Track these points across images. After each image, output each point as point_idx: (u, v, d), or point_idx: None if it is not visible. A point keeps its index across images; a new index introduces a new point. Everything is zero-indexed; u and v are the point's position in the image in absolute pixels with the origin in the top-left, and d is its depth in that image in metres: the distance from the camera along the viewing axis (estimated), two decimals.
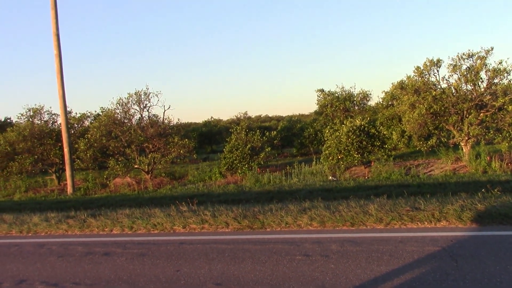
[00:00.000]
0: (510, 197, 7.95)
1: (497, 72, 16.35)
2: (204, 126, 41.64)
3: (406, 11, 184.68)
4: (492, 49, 16.48)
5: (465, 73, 16.75)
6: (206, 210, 8.96)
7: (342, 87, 27.81)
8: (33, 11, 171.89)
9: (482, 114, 16.74)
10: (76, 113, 24.24)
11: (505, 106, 16.08)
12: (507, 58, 17.64)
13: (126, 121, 21.46)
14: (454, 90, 17.21)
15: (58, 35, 18.93)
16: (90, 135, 20.31)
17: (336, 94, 27.57)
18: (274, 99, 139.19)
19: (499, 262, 5.10)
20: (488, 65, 16.54)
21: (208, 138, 39.00)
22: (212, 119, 45.33)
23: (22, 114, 22.85)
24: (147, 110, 21.52)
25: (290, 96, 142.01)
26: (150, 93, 21.04)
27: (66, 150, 19.12)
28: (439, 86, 17.69)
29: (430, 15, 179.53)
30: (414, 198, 8.60)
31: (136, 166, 20.22)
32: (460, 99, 16.76)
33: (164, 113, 21.89)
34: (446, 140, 17.46)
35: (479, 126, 16.42)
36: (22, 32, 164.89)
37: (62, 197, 18.14)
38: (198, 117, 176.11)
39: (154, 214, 9.15)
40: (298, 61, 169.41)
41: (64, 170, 20.95)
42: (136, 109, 21.38)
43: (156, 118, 21.97)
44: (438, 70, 17.55)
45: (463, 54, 16.80)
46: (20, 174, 21.21)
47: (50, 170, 22.74)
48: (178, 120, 23.76)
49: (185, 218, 8.55)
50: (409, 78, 18.50)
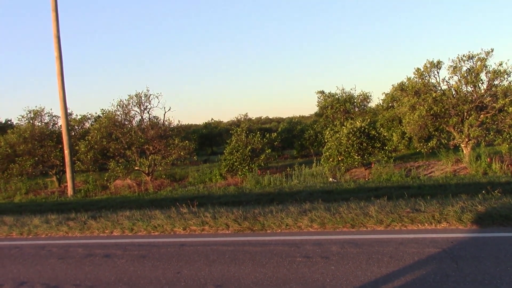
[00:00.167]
0: (511, 198, 7.95)
1: (497, 73, 16.35)
2: (204, 128, 41.62)
3: (406, 13, 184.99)
4: (492, 50, 16.52)
5: (465, 74, 16.75)
6: (207, 212, 8.96)
7: (343, 89, 27.94)
8: (33, 13, 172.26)
9: (482, 116, 16.75)
10: (76, 115, 24.40)
11: (505, 108, 16.09)
12: (507, 60, 17.77)
13: (126, 123, 21.49)
14: (454, 92, 17.20)
15: (58, 37, 18.97)
16: (90, 137, 20.33)
17: (336, 96, 27.63)
18: (274, 101, 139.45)
19: (500, 263, 5.10)
20: (488, 66, 16.56)
21: (208, 140, 38.98)
22: (212, 121, 45.33)
23: (22, 116, 22.97)
24: (148, 112, 21.58)
25: (291, 97, 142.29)
26: (150, 95, 21.13)
27: (66, 152, 19.13)
28: (439, 88, 17.70)
29: (430, 17, 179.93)
30: (415, 200, 8.60)
31: (136, 168, 20.23)
32: (460, 101, 16.76)
33: (164, 114, 21.94)
34: (446, 141, 17.46)
35: (480, 128, 16.43)
36: (22, 34, 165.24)
37: (63, 199, 18.15)
38: (199, 118, 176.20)
39: (155, 216, 9.15)
40: (299, 62, 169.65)
41: (64, 172, 20.97)
42: (136, 111, 21.44)
43: (156, 120, 21.99)
44: (438, 72, 17.57)
45: (463, 55, 16.83)
46: (20, 176, 21.23)
47: (50, 172, 22.76)
48: (179, 122, 23.81)
49: (185, 220, 8.55)
50: (409, 79, 18.51)
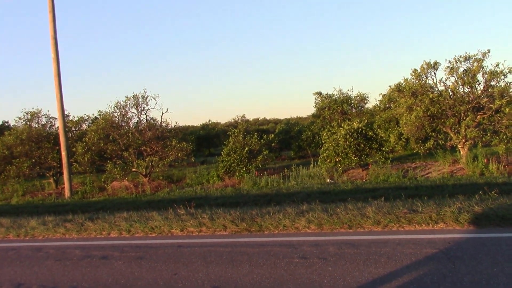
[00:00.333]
0: (508, 199, 7.97)
1: (494, 74, 16.40)
2: (202, 129, 41.59)
3: (403, 15, 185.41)
4: (489, 51, 16.57)
5: (462, 75, 16.80)
6: (204, 213, 8.96)
7: (340, 90, 27.91)
8: (31, 15, 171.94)
9: (479, 117, 16.79)
10: (73, 116, 24.27)
11: (502, 109, 16.14)
12: (504, 61, 17.81)
13: (123, 124, 21.44)
14: (451, 93, 17.26)
15: (56, 39, 18.93)
16: (87, 139, 20.27)
17: (333, 97, 27.61)
18: (272, 102, 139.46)
19: (497, 264, 5.11)
20: (485, 67, 16.62)
21: (206, 141, 38.94)
22: (210, 122, 45.28)
23: (19, 118, 22.91)
24: (145, 113, 21.51)
25: (288, 99, 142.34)
26: (147, 96, 21.05)
27: (63, 153, 19.09)
28: (436, 89, 17.76)
29: (427, 18, 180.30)
30: (412, 201, 8.60)
31: (134, 170, 20.19)
32: (457, 102, 16.80)
33: (161, 116, 21.90)
34: (443, 142, 17.50)
35: (476, 129, 16.47)
36: (19, 35, 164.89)
37: (60, 200, 18.11)
38: (196, 120, 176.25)
39: (152, 217, 9.15)
40: (296, 64, 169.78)
41: (61, 174, 20.91)
42: (133, 112, 21.38)
43: (154, 121, 21.94)
44: (435, 73, 17.64)
45: (460, 56, 16.90)
46: (17, 178, 21.20)
47: (47, 174, 22.70)
48: (176, 123, 23.87)
49: (182, 221, 8.54)
50: (406, 80, 18.55)
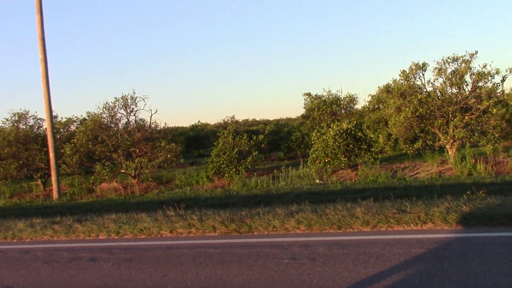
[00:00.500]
0: (495, 199, 8.05)
1: (481, 75, 16.53)
2: (191, 130, 41.54)
3: (391, 16, 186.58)
4: (476, 52, 16.69)
5: (450, 76, 16.91)
6: (193, 215, 8.94)
7: (329, 91, 28.02)
8: (18, 16, 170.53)
9: (467, 117, 16.93)
10: (62, 117, 24.23)
11: (489, 109, 16.29)
12: (491, 62, 17.90)
13: (112, 125, 21.32)
14: (439, 94, 17.37)
15: (43, 39, 18.78)
16: (76, 140, 20.12)
17: (323, 98, 27.70)
18: (261, 103, 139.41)
19: (484, 263, 5.15)
20: (472, 68, 16.73)
21: (195, 142, 38.87)
22: (199, 123, 45.27)
23: (7, 119, 22.62)
24: (134, 115, 21.39)
25: (278, 100, 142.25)
26: (136, 97, 20.92)
27: (51, 155, 18.94)
28: (425, 90, 17.86)
29: (416, 19, 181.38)
30: (401, 201, 8.66)
31: (122, 171, 20.09)
32: (445, 102, 16.93)
33: (151, 117, 21.86)
34: (431, 143, 17.61)
35: (464, 129, 16.59)
36: (7, 36, 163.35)
37: (48, 202, 17.95)
38: (185, 121, 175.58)
39: (141, 219, 9.11)
40: (285, 65, 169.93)
41: (49, 175, 20.73)
42: (122, 113, 21.25)
43: (143, 122, 21.83)
44: (423, 74, 17.74)
45: (448, 57, 17.00)
46: (5, 180, 20.99)
47: (35, 176, 22.50)
48: (165, 124, 23.69)
49: (172, 223, 8.51)
50: (395, 81, 18.65)
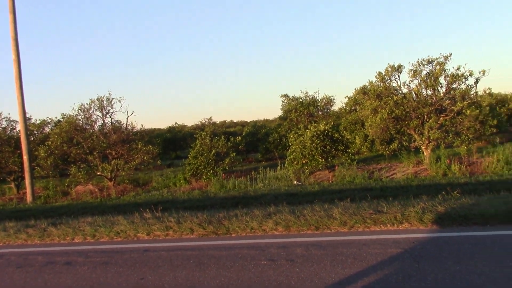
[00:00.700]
0: (469, 199, 8.19)
1: (455, 77, 16.81)
2: (168, 132, 41.24)
3: (368, 18, 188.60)
4: (450, 55, 16.98)
5: (425, 78, 17.15)
6: (171, 217, 8.87)
7: (306, 93, 28.19)
8: None
9: (441, 118, 17.19)
10: (36, 119, 23.73)
11: (463, 111, 16.57)
12: (465, 64, 18.23)
13: (88, 127, 21.01)
14: (414, 95, 17.60)
15: (16, 40, 18.46)
16: (50, 142, 19.79)
17: (300, 99, 27.84)
18: (239, 105, 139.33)
19: (459, 262, 5.23)
20: (447, 70, 17.00)
21: (172, 144, 38.59)
22: (176, 125, 44.98)
23: None
24: (110, 116, 21.12)
25: (255, 101, 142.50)
26: (112, 98, 20.66)
27: (25, 157, 18.64)
28: (400, 91, 18.06)
29: (392, 22, 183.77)
30: (377, 201, 8.74)
31: (98, 173, 19.82)
32: (420, 104, 17.16)
33: (127, 119, 21.53)
34: (407, 144, 17.85)
35: (439, 130, 16.84)
36: None
37: (21, 206, 17.64)
38: (162, 123, 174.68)
39: (117, 221, 9.00)
40: (262, 66, 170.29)
41: (23, 178, 20.37)
42: (98, 115, 20.97)
43: (119, 124, 21.56)
44: (399, 76, 17.93)
45: (423, 60, 17.24)
46: None
47: (8, 179, 22.07)
48: (142, 126, 23.24)
49: (149, 225, 8.44)
50: (371, 83, 18.83)
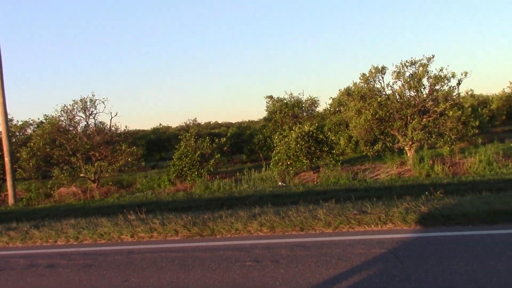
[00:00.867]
0: (452, 199, 8.29)
1: (438, 79, 16.99)
2: (152, 133, 40.99)
3: (352, 20, 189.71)
4: (433, 57, 17.16)
5: (408, 79, 17.30)
6: (155, 218, 8.82)
7: (291, 94, 28.32)
8: None
9: (425, 119, 17.35)
10: (18, 120, 23.55)
11: (446, 112, 16.75)
12: (448, 66, 18.29)
13: (71, 128, 20.83)
14: (398, 96, 17.74)
15: None
16: (33, 144, 19.56)
17: (285, 101, 27.94)
18: (223, 106, 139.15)
19: (442, 262, 5.28)
20: (429, 72, 17.17)
21: (156, 145, 38.37)
22: (161, 126, 44.69)
23: None
24: (93, 118, 20.96)
25: (240, 102, 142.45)
26: (96, 100, 20.53)
27: (7, 159, 18.45)
28: (384, 93, 18.20)
29: (375, 23, 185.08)
30: (361, 202, 8.79)
31: (82, 175, 19.64)
32: (404, 105, 17.31)
33: (111, 120, 21.39)
34: (391, 145, 17.97)
35: (422, 131, 16.98)
36: None
37: (3, 208, 17.46)
38: (147, 124, 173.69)
39: (101, 223, 8.92)
40: (247, 67, 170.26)
41: (4, 180, 20.12)
42: (81, 116, 20.79)
43: (102, 125, 21.41)
44: (383, 77, 18.06)
45: (406, 61, 17.39)
46: None
47: None
48: (126, 127, 23.25)
49: (133, 227, 8.37)
50: (355, 84, 18.94)
